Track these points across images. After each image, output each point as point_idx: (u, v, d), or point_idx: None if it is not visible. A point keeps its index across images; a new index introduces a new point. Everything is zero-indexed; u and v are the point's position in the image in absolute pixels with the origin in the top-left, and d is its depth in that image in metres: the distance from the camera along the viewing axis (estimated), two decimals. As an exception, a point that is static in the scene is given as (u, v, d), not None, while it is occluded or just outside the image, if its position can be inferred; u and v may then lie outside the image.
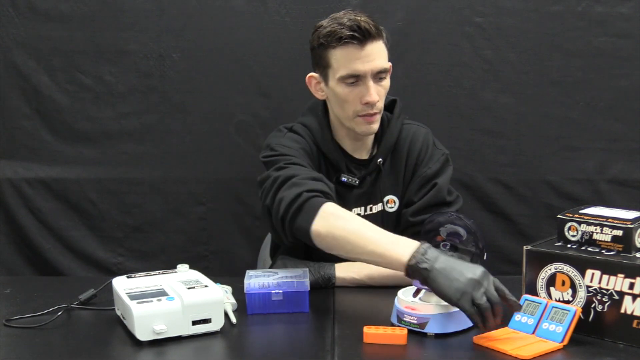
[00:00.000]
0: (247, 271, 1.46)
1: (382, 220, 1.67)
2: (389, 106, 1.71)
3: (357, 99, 1.54)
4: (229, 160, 2.23)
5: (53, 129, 2.22)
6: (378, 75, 1.55)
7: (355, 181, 1.65)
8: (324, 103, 1.68)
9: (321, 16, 2.13)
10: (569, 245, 1.28)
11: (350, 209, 1.65)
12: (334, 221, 1.36)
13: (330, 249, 1.38)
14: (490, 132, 2.22)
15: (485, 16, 2.17)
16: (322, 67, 1.58)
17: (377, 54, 1.53)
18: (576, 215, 1.30)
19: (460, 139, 2.20)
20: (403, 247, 1.27)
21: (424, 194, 1.64)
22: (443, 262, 1.23)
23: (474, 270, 1.21)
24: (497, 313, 1.20)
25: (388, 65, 1.57)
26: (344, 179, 1.64)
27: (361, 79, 1.53)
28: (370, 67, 1.52)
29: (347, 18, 1.51)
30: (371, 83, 1.53)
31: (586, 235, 1.27)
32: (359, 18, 1.51)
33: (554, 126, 2.22)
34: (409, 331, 1.24)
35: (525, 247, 1.29)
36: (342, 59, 1.53)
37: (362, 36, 1.50)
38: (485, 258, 1.33)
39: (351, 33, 1.49)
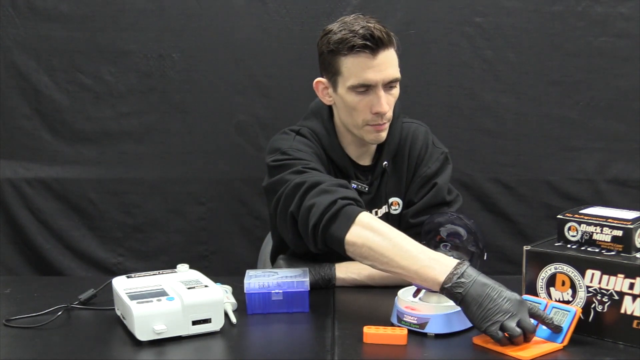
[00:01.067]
0: (247, 271, 1.46)
1: (387, 221, 1.66)
2: None
3: (367, 108, 1.51)
4: (229, 160, 2.23)
5: (53, 129, 2.22)
6: (389, 85, 1.51)
7: (365, 187, 1.62)
8: (329, 107, 1.64)
9: (321, 16, 2.16)
10: (569, 246, 1.28)
11: None
12: (370, 232, 1.32)
13: (363, 258, 1.34)
14: (490, 132, 2.23)
15: (485, 16, 2.17)
16: (331, 73, 1.53)
17: (388, 63, 1.49)
18: (576, 216, 1.30)
19: (460, 139, 2.21)
20: (440, 267, 1.23)
21: (424, 194, 1.63)
22: (478, 287, 1.19)
23: (510, 299, 1.17)
24: (529, 339, 1.17)
25: (399, 73, 1.52)
26: (354, 185, 1.60)
27: (372, 88, 1.49)
28: (382, 77, 1.48)
29: (360, 25, 1.47)
30: (382, 93, 1.49)
31: (586, 236, 1.27)
32: (371, 25, 1.46)
33: (554, 126, 2.22)
34: (409, 331, 1.24)
35: (525, 247, 1.29)
36: (353, 68, 1.48)
37: (374, 45, 1.45)
38: (485, 258, 1.33)
39: (364, 42, 1.45)
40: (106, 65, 2.19)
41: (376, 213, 1.65)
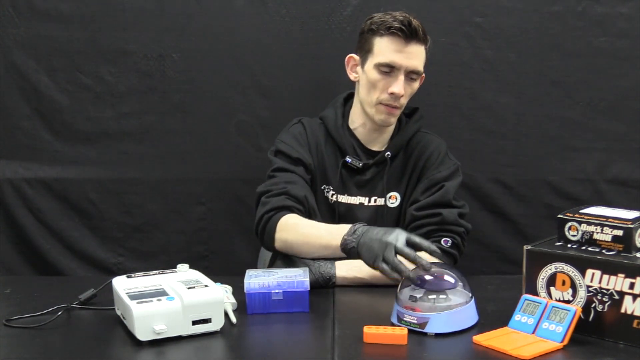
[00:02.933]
0: (247, 271, 1.47)
1: (384, 213, 1.75)
2: (411, 113, 1.81)
3: (384, 88, 1.66)
4: (229, 160, 2.23)
5: (53, 129, 2.22)
6: (410, 75, 1.66)
7: (359, 164, 1.73)
8: (345, 98, 1.81)
9: (321, 16, 2.16)
10: (569, 245, 1.28)
11: (354, 195, 1.76)
12: (286, 232, 1.57)
13: (295, 254, 1.60)
14: (490, 132, 2.22)
15: (485, 16, 2.17)
16: (365, 50, 1.69)
17: (416, 55, 1.65)
18: (576, 215, 1.30)
19: (460, 139, 2.20)
20: (338, 234, 1.47)
21: (431, 194, 1.70)
22: (367, 236, 1.41)
23: (388, 233, 1.38)
24: (418, 263, 1.33)
25: (422, 69, 1.68)
26: (348, 159, 1.73)
27: (394, 71, 1.64)
28: (407, 64, 1.64)
29: (401, 14, 1.64)
30: (402, 77, 1.64)
31: (586, 235, 1.27)
32: (411, 18, 1.63)
33: (554, 126, 2.22)
34: (409, 331, 1.24)
35: (525, 247, 1.29)
36: (384, 48, 1.64)
37: (409, 32, 1.62)
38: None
39: (400, 26, 1.61)
40: (106, 65, 2.19)
41: (375, 201, 1.75)
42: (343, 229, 1.48)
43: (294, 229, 1.57)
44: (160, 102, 2.22)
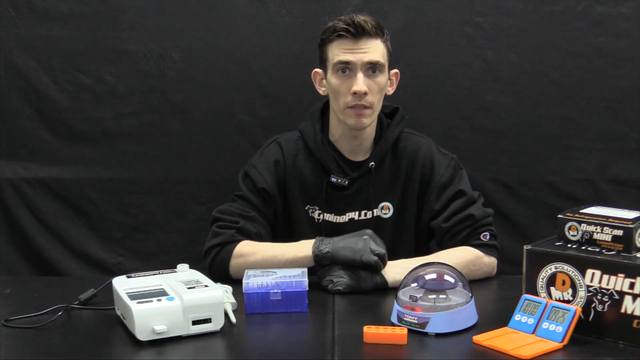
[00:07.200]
0: (246, 271, 1.47)
1: (376, 226, 1.70)
2: (391, 114, 1.74)
3: (347, 90, 1.61)
4: (229, 160, 2.23)
5: (53, 129, 2.22)
6: (370, 69, 1.61)
7: (345, 182, 1.68)
8: (322, 107, 1.76)
9: (321, 16, 2.16)
10: (569, 245, 1.28)
11: (343, 213, 1.70)
12: (244, 261, 1.58)
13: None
14: (490, 132, 2.22)
15: (485, 16, 2.17)
16: (323, 61, 1.67)
17: (370, 49, 1.60)
18: (576, 215, 1.30)
19: (460, 139, 2.20)
20: (304, 247, 1.54)
21: (449, 200, 1.68)
22: (338, 241, 1.51)
23: (363, 233, 1.51)
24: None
25: (383, 60, 1.62)
26: (333, 179, 1.68)
27: (352, 69, 1.61)
28: (360, 58, 1.60)
29: (346, 15, 1.62)
30: (360, 74, 1.60)
31: (586, 235, 1.27)
32: (355, 15, 1.61)
33: (554, 126, 2.22)
34: (409, 331, 1.24)
35: (525, 247, 1.29)
36: (335, 50, 1.62)
37: (355, 30, 1.59)
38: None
39: (345, 26, 1.59)
40: (106, 65, 2.19)
41: (365, 215, 1.70)
42: (304, 243, 1.56)
43: (252, 255, 1.59)
44: (160, 102, 2.22)
